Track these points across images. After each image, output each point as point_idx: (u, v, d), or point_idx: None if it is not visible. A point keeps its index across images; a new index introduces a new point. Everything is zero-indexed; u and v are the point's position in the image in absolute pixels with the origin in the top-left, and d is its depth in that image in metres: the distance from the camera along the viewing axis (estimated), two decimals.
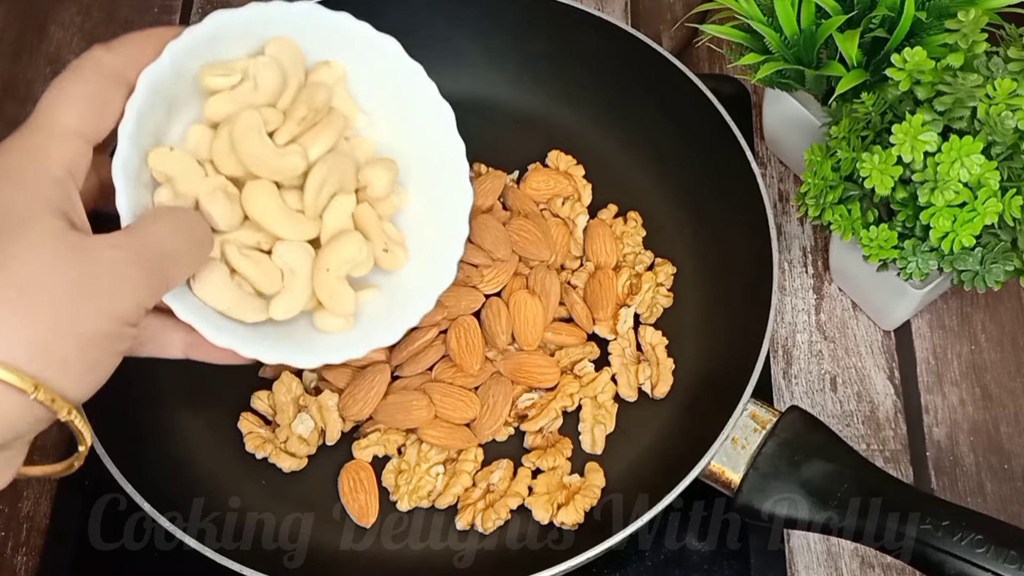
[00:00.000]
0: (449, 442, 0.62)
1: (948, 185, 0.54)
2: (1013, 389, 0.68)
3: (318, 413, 0.63)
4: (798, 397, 0.68)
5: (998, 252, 0.57)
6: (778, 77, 0.64)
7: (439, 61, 0.74)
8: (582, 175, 0.71)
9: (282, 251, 0.50)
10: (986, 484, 0.65)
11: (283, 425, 0.63)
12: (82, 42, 0.83)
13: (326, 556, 0.60)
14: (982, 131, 0.55)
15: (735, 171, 0.65)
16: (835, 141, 0.59)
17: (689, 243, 0.68)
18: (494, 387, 0.63)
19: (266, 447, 0.63)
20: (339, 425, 0.63)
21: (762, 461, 0.57)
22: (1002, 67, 0.56)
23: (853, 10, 0.61)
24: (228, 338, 0.48)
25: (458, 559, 0.60)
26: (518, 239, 0.67)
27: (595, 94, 0.72)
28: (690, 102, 0.67)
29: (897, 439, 0.67)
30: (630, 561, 0.62)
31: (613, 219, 0.70)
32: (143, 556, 0.61)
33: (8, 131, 0.46)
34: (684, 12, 0.82)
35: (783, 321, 0.70)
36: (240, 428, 0.63)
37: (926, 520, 0.54)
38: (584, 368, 0.65)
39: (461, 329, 0.64)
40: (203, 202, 0.48)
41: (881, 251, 0.58)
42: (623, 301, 0.66)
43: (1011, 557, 0.52)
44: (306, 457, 0.63)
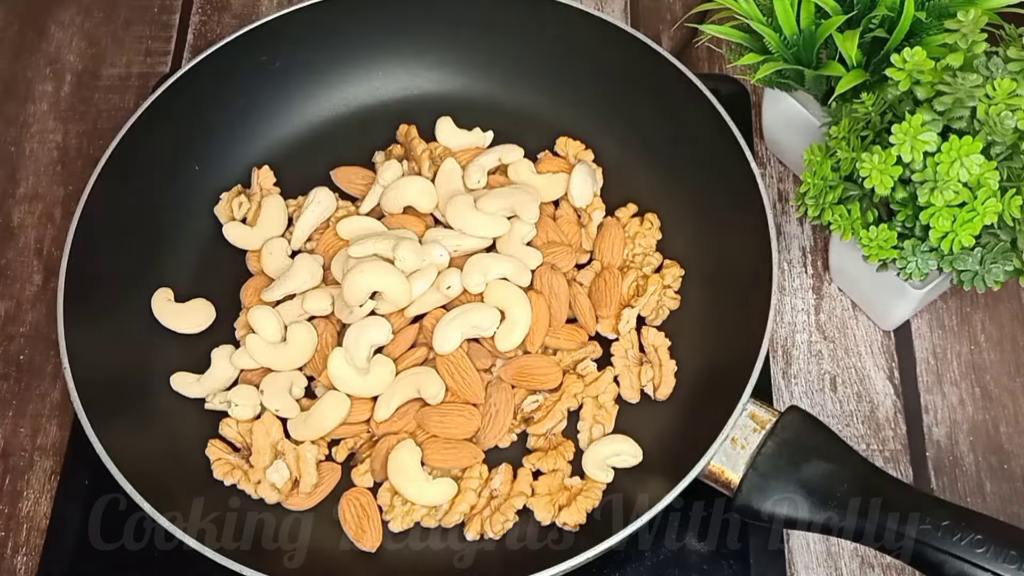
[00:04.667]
0: (454, 462, 0.62)
1: (948, 185, 0.54)
2: (1013, 389, 0.68)
3: (295, 462, 0.62)
4: (798, 397, 0.68)
5: (998, 252, 0.57)
6: (778, 77, 0.64)
7: (439, 61, 0.75)
8: (592, 159, 0.71)
9: None
10: (986, 484, 0.65)
11: (257, 467, 0.62)
12: (82, 42, 0.83)
13: (326, 556, 0.60)
14: (982, 131, 0.55)
15: (734, 171, 0.65)
16: (835, 141, 0.59)
17: (688, 243, 0.68)
18: (495, 395, 0.63)
19: (235, 474, 0.62)
20: (313, 479, 0.61)
21: (762, 461, 0.57)
22: (1002, 67, 0.56)
23: (853, 10, 0.61)
24: None
25: (458, 559, 0.60)
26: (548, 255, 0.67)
27: (595, 94, 0.72)
28: (690, 102, 0.67)
29: (897, 439, 0.67)
30: (630, 561, 0.62)
31: (630, 218, 0.70)
32: (143, 556, 0.61)
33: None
34: (684, 12, 0.82)
35: (783, 321, 0.70)
36: (207, 455, 0.63)
37: (926, 520, 0.54)
38: (587, 367, 0.65)
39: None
40: None
41: (881, 251, 0.58)
42: (627, 302, 0.66)
43: (1011, 557, 0.52)
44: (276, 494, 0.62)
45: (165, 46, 0.83)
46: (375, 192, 0.70)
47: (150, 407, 0.64)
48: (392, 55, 0.74)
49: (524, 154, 0.71)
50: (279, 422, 0.63)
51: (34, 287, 0.73)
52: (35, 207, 0.76)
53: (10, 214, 0.76)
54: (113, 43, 0.83)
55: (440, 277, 0.65)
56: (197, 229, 0.70)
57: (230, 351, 0.65)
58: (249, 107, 0.73)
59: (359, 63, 0.74)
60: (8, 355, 0.71)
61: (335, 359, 0.63)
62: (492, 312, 0.64)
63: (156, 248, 0.69)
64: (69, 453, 0.66)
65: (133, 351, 0.65)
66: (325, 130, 0.74)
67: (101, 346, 0.63)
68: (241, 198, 0.71)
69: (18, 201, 0.77)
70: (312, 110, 0.74)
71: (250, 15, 0.84)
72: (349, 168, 0.72)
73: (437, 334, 0.63)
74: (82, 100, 0.81)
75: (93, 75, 0.82)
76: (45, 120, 0.80)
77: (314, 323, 0.65)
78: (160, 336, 0.66)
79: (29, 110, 0.80)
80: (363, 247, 0.64)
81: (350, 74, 0.74)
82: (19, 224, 0.76)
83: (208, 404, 0.64)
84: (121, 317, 0.65)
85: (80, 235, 0.64)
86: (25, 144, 0.78)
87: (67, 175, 0.77)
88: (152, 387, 0.65)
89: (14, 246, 0.75)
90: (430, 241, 0.66)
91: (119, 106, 0.80)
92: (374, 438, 0.63)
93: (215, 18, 0.84)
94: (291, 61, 0.73)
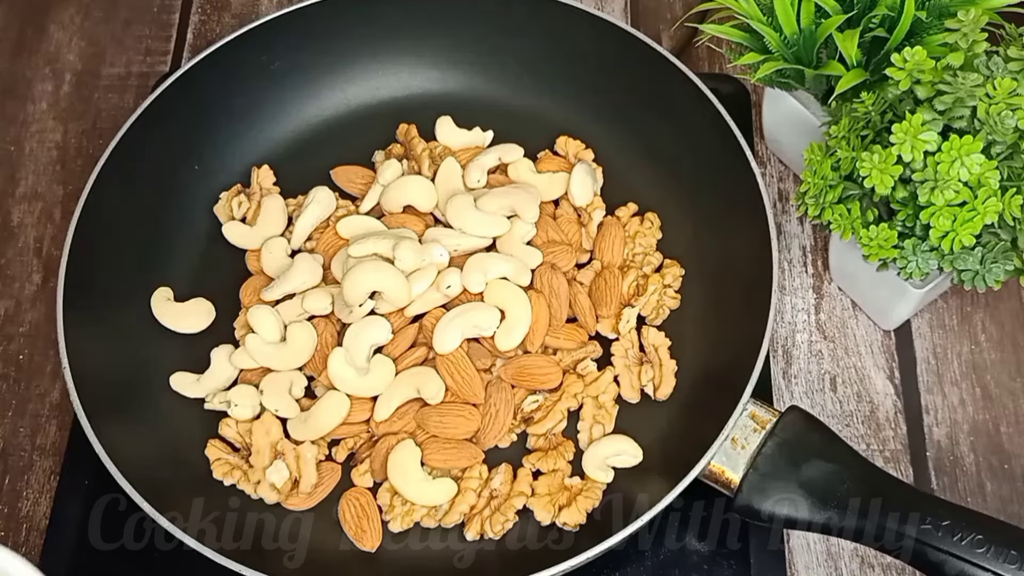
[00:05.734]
0: (454, 462, 0.62)
1: (948, 184, 0.54)
2: (1013, 389, 0.68)
3: (294, 462, 0.61)
4: (798, 397, 0.68)
5: (998, 251, 0.57)
6: (778, 76, 0.64)
7: (439, 61, 0.75)
8: (592, 159, 0.71)
9: None
10: (986, 484, 0.65)
11: (257, 467, 0.62)
12: (82, 42, 0.83)
13: (326, 556, 0.60)
14: (982, 130, 0.55)
15: (735, 170, 0.65)
16: (835, 140, 0.59)
17: (688, 242, 0.68)
18: (495, 395, 0.63)
19: (235, 474, 0.62)
20: (313, 479, 0.61)
21: (762, 461, 0.57)
22: (1002, 66, 0.56)
23: (853, 10, 0.61)
24: None
25: (458, 559, 0.60)
26: (548, 255, 0.67)
27: (595, 94, 0.72)
28: (690, 102, 0.67)
29: (897, 439, 0.67)
30: (630, 561, 0.62)
31: (630, 218, 0.70)
32: (143, 556, 0.61)
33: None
34: (684, 12, 0.82)
35: (783, 321, 0.70)
36: (207, 455, 0.63)
37: (926, 520, 0.54)
38: (587, 367, 0.65)
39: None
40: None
41: (881, 251, 0.58)
42: (627, 301, 0.66)
43: (1011, 557, 0.52)
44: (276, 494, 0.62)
45: (165, 46, 0.83)
46: (375, 191, 0.70)
47: (150, 407, 0.64)
48: (392, 55, 0.74)
49: (524, 153, 0.71)
50: (279, 422, 0.63)
51: (33, 287, 0.73)
52: (35, 206, 0.76)
53: (10, 213, 0.76)
54: (113, 43, 0.83)
55: (440, 277, 0.65)
56: (197, 229, 0.70)
57: (230, 351, 0.65)
58: (249, 107, 0.73)
59: (359, 63, 0.74)
60: (8, 355, 0.71)
61: (335, 359, 0.63)
62: (492, 312, 0.64)
63: (156, 248, 0.69)
64: (69, 453, 0.66)
65: (133, 351, 0.65)
66: (325, 130, 0.74)
67: (101, 346, 0.63)
68: (241, 197, 0.71)
69: (17, 200, 0.76)
70: (312, 110, 0.74)
71: (250, 15, 0.84)
72: (349, 167, 0.72)
73: (437, 334, 0.63)
74: (82, 100, 0.81)
75: (93, 75, 0.82)
76: (45, 119, 0.79)
77: (314, 323, 0.65)
78: (160, 336, 0.66)
79: (29, 109, 0.80)
80: (363, 247, 0.64)
81: (350, 74, 0.74)
82: (19, 223, 0.76)
83: (208, 404, 0.64)
84: (121, 317, 0.65)
85: (80, 235, 0.64)
86: (25, 143, 0.78)
87: (67, 175, 0.77)
88: (152, 387, 0.65)
89: (13, 246, 0.75)
90: (430, 240, 0.66)
91: (119, 106, 0.80)
92: (374, 438, 0.63)
93: (215, 18, 0.84)
94: (291, 61, 0.73)
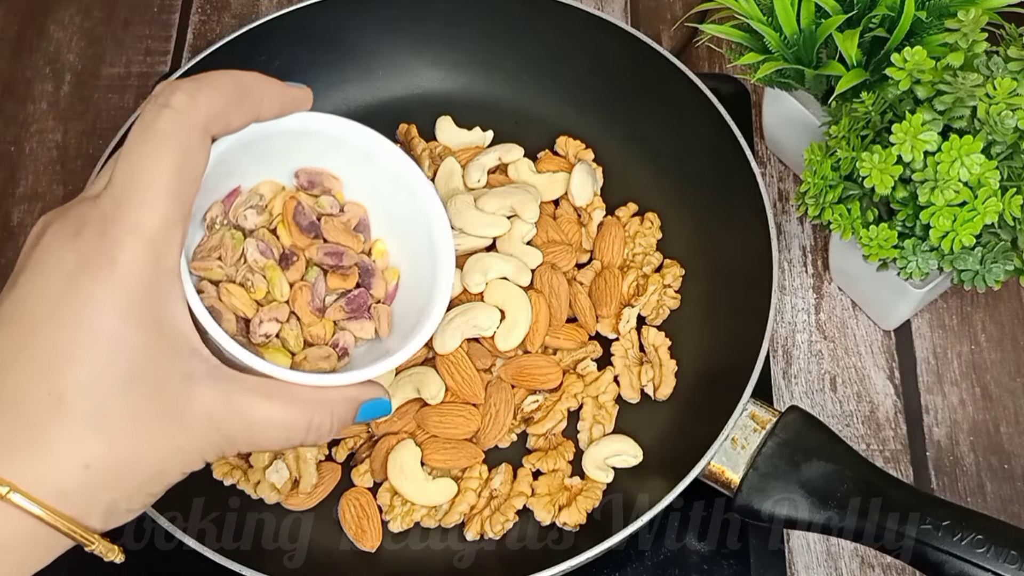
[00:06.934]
0: (454, 462, 0.62)
1: (948, 184, 0.54)
2: (1013, 389, 0.68)
3: (294, 463, 0.61)
4: (798, 397, 0.68)
5: (998, 251, 0.57)
6: (778, 76, 0.64)
7: (439, 61, 0.75)
8: (592, 159, 0.71)
9: None
10: (986, 484, 0.65)
11: (257, 467, 0.62)
12: (81, 41, 0.83)
13: (326, 556, 0.60)
14: (982, 130, 0.55)
15: (735, 171, 0.65)
16: (835, 140, 0.59)
17: (688, 242, 0.68)
18: (495, 395, 0.63)
19: (234, 474, 0.62)
20: (313, 479, 0.61)
21: (762, 461, 0.57)
22: (1002, 66, 0.56)
23: (853, 10, 0.61)
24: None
25: (458, 559, 0.60)
26: (548, 255, 0.67)
27: (595, 94, 0.72)
28: (690, 102, 0.67)
29: (897, 439, 0.67)
30: (630, 561, 0.62)
31: (630, 218, 0.70)
32: (143, 556, 0.61)
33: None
34: (684, 12, 0.82)
35: (783, 321, 0.70)
36: None
37: (926, 520, 0.54)
38: (587, 367, 0.65)
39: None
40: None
41: (881, 251, 0.58)
42: (627, 301, 0.66)
43: (1011, 557, 0.52)
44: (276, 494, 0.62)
45: (165, 46, 0.83)
46: None
47: None
48: (392, 55, 0.74)
49: (524, 153, 0.71)
50: None
51: None
52: (34, 206, 0.76)
53: (9, 213, 0.76)
54: (113, 43, 0.83)
55: None
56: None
57: None
58: None
59: (359, 63, 0.74)
60: None
61: None
62: (492, 312, 0.64)
63: None
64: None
65: None
66: None
67: None
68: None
69: (17, 200, 0.76)
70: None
71: (250, 15, 0.84)
72: None
73: (437, 334, 0.63)
74: (82, 100, 0.81)
75: (93, 75, 0.82)
76: (44, 119, 0.79)
77: None
78: None
79: (28, 109, 0.80)
80: None
81: (350, 74, 0.74)
82: (18, 223, 0.76)
83: None
84: None
85: None
86: (24, 143, 0.78)
87: (66, 174, 0.77)
88: None
89: (13, 246, 0.75)
90: None
91: (119, 106, 0.80)
92: (374, 438, 0.63)
93: (215, 18, 0.84)
94: (291, 61, 0.73)
